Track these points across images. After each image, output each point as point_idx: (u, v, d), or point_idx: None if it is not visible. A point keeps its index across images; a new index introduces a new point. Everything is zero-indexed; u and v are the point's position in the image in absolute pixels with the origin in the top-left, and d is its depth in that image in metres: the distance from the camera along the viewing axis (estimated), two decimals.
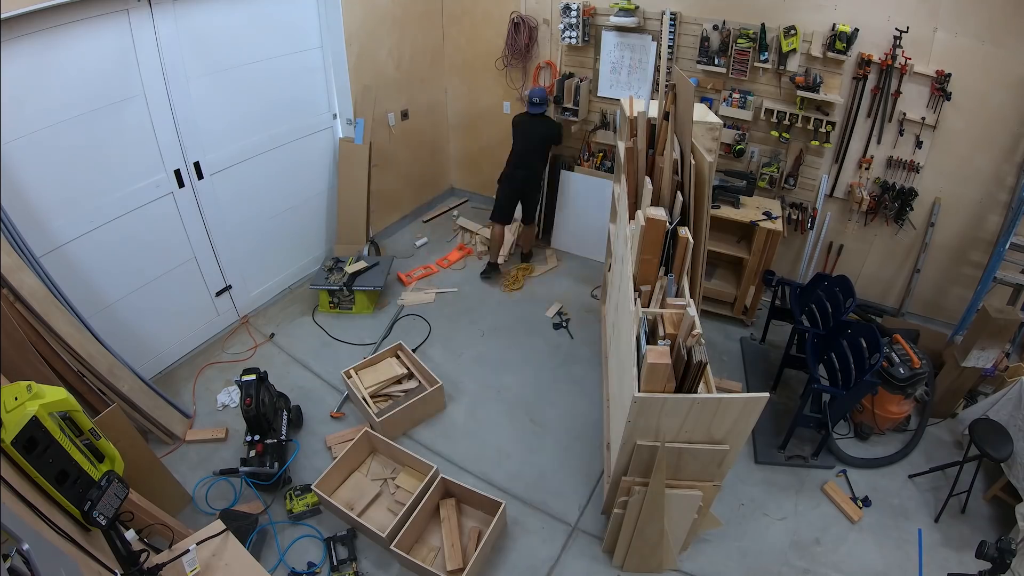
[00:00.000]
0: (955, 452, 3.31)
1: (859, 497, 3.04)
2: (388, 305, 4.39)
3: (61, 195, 2.91)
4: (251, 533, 2.68)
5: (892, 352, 3.19)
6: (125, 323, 3.36)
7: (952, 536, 2.88)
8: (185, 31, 3.19)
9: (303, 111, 4.14)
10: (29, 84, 2.62)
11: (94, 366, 2.84)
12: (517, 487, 3.10)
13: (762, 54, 3.74)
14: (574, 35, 4.30)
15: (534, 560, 2.77)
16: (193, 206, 3.57)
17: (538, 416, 3.50)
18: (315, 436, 3.35)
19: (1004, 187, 3.55)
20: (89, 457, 1.88)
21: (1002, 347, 3.28)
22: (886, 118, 3.65)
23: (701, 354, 2.09)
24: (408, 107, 4.90)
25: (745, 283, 4.03)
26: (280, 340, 4.05)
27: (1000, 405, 3.08)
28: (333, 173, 4.51)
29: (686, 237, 2.49)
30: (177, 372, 3.73)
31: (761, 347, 4.07)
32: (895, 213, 3.85)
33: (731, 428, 2.17)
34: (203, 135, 3.48)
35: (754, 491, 3.09)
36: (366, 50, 4.28)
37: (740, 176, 3.99)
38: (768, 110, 3.83)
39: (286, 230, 4.32)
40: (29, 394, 1.72)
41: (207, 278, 3.84)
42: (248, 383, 2.95)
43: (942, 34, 3.34)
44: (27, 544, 1.35)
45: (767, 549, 2.82)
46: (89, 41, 2.79)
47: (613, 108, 4.52)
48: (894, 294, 4.22)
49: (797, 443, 3.25)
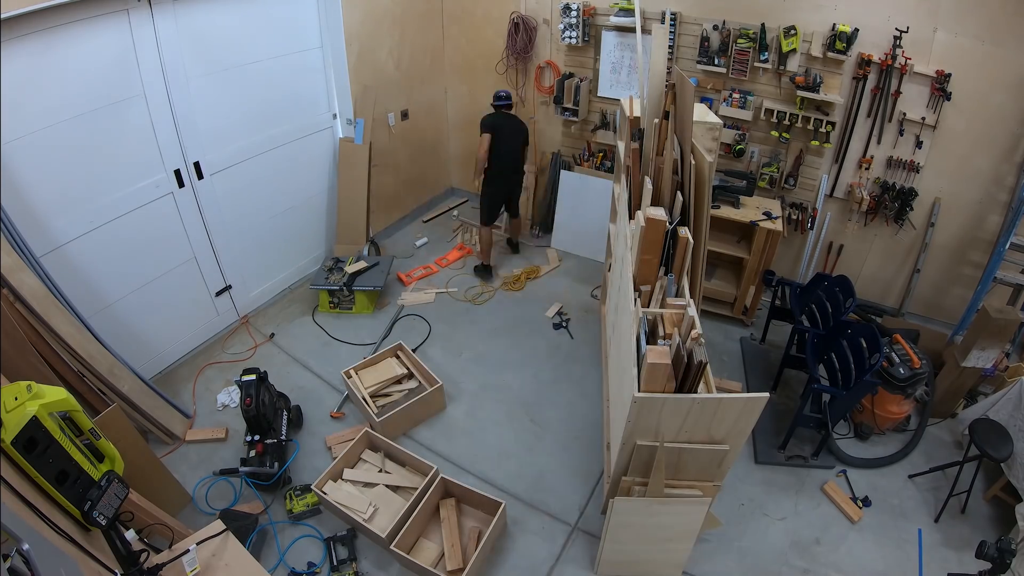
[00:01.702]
0: (955, 452, 3.31)
1: (859, 497, 3.04)
2: (388, 305, 4.39)
3: (61, 195, 2.91)
4: (251, 533, 2.68)
5: (892, 352, 3.19)
6: (125, 323, 3.36)
7: (952, 536, 2.88)
8: (185, 31, 3.19)
9: (303, 111, 4.14)
10: (29, 84, 2.62)
11: (94, 366, 2.84)
12: (517, 487, 3.10)
13: (762, 54, 3.74)
14: (574, 35, 4.30)
15: (534, 560, 2.77)
16: (193, 206, 3.57)
17: (538, 416, 3.50)
18: (315, 436, 3.35)
19: (1004, 187, 3.55)
20: (89, 457, 1.88)
21: (1002, 347, 3.28)
22: (886, 118, 3.65)
23: (701, 354, 2.09)
24: (408, 107, 4.91)
25: (745, 283, 4.03)
26: (280, 340, 4.05)
27: (1000, 405, 3.08)
28: (333, 173, 4.51)
29: (686, 237, 2.50)
30: (177, 372, 3.73)
31: (761, 347, 4.07)
32: (895, 213, 3.85)
33: (731, 428, 2.17)
34: (203, 135, 3.48)
35: (754, 491, 3.09)
36: (366, 50, 4.28)
37: (740, 176, 3.99)
38: (768, 110, 3.83)
39: (286, 230, 4.32)
40: (29, 394, 1.72)
41: (207, 278, 3.84)
42: (248, 383, 2.95)
43: (942, 34, 3.34)
44: (27, 544, 1.35)
45: (767, 549, 2.82)
46: (89, 41, 2.79)
47: (613, 108, 4.52)
48: (894, 294, 4.22)
49: (797, 443, 3.26)
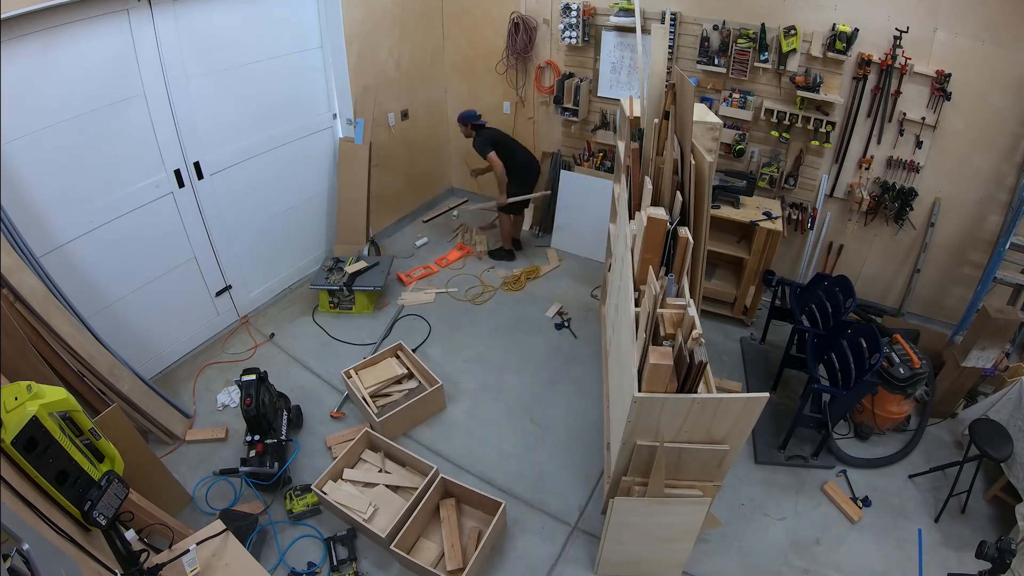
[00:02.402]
0: (955, 452, 3.31)
1: (859, 497, 3.04)
2: (388, 305, 4.39)
3: (61, 195, 2.91)
4: (251, 533, 2.68)
5: (892, 352, 3.19)
6: (125, 323, 3.36)
7: (952, 536, 2.88)
8: (185, 31, 3.19)
9: (303, 111, 4.14)
10: (29, 84, 2.62)
11: (94, 366, 2.83)
12: (517, 487, 3.10)
13: (762, 54, 3.74)
14: (574, 35, 4.30)
15: (534, 560, 2.77)
16: (193, 206, 3.57)
17: (538, 416, 3.50)
18: (315, 436, 3.35)
19: (1004, 187, 3.55)
20: (89, 457, 1.88)
21: (1002, 347, 3.28)
22: (886, 118, 3.65)
23: (701, 354, 2.09)
24: (408, 107, 4.90)
25: (745, 283, 4.03)
26: (280, 340, 4.05)
27: (1000, 405, 3.08)
28: (333, 173, 4.51)
29: (686, 237, 2.50)
30: (177, 372, 3.73)
31: (761, 347, 4.07)
32: (895, 213, 3.85)
33: (731, 428, 2.16)
34: (203, 135, 3.48)
35: (754, 491, 3.09)
36: (366, 50, 4.28)
37: (740, 176, 3.99)
38: (768, 110, 3.83)
39: (286, 230, 4.32)
40: (29, 394, 1.72)
41: (207, 278, 3.84)
42: (248, 383, 2.95)
43: (942, 34, 3.34)
44: (27, 544, 1.35)
45: (767, 549, 2.82)
46: (89, 41, 2.79)
47: (613, 108, 4.52)
48: (894, 294, 4.22)
49: (797, 443, 3.26)
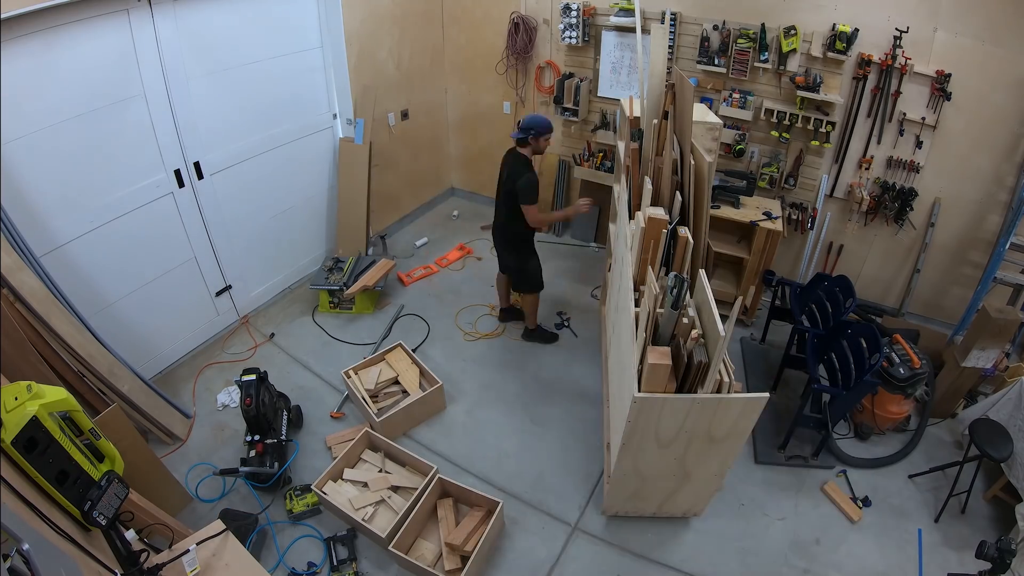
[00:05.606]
0: (955, 452, 3.31)
1: (859, 497, 3.04)
2: (388, 305, 4.40)
3: (61, 195, 2.91)
4: (251, 533, 2.68)
5: (892, 352, 3.19)
6: (125, 323, 3.36)
7: (952, 536, 2.88)
8: (185, 31, 3.19)
9: (303, 111, 4.14)
10: (29, 84, 2.62)
11: (94, 366, 2.83)
12: (517, 487, 3.10)
13: (762, 54, 3.74)
14: (574, 35, 4.30)
15: (534, 560, 2.77)
16: (193, 206, 3.57)
17: (538, 416, 3.50)
18: (315, 436, 3.35)
19: (1004, 187, 3.55)
20: (89, 457, 1.88)
21: (1002, 347, 3.28)
22: (886, 118, 3.65)
23: (701, 354, 2.09)
24: (408, 107, 4.90)
25: (745, 283, 4.03)
26: (280, 340, 4.05)
27: (1000, 405, 3.07)
28: (333, 173, 4.51)
29: (686, 237, 2.50)
30: (177, 372, 3.73)
31: (761, 347, 4.07)
32: (895, 213, 3.85)
33: (731, 428, 2.17)
34: (203, 135, 3.47)
35: (754, 491, 3.09)
36: (366, 50, 4.28)
37: (740, 176, 3.99)
38: (768, 110, 3.83)
39: (286, 230, 4.31)
40: (29, 394, 1.72)
41: (207, 278, 3.84)
42: (248, 383, 2.95)
43: (942, 34, 3.34)
44: (27, 544, 1.35)
45: (767, 549, 2.82)
46: (89, 41, 2.79)
47: (613, 108, 4.52)
48: (894, 294, 4.22)
49: (797, 443, 3.25)
